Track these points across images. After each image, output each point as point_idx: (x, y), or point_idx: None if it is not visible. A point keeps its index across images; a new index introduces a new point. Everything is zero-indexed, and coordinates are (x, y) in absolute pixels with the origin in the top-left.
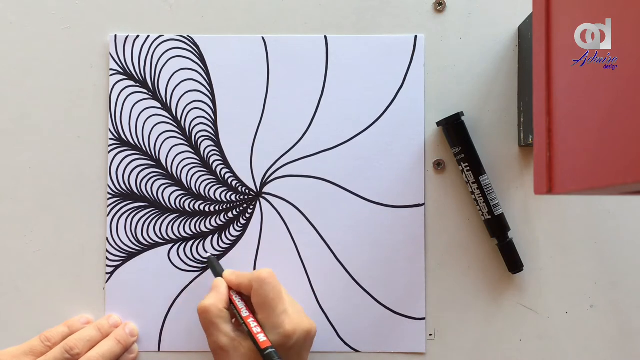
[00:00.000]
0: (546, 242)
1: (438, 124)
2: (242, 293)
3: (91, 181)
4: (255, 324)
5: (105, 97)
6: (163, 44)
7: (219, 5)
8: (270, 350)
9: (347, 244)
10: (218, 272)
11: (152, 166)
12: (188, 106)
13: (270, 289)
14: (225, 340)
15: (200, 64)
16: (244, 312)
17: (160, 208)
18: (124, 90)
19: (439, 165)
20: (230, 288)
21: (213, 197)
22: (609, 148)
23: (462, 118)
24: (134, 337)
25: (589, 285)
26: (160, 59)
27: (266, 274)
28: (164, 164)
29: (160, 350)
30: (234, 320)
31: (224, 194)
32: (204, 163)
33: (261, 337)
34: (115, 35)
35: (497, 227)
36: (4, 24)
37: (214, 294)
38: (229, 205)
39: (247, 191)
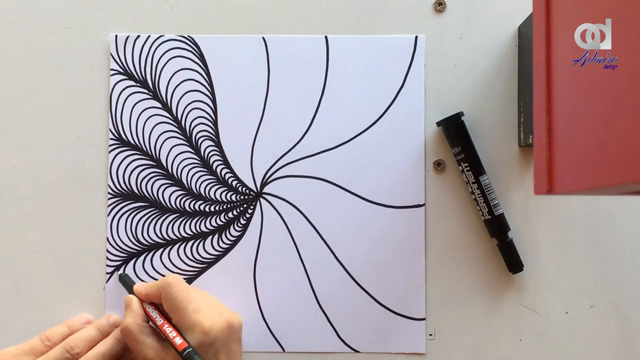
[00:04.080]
0: (546, 242)
1: (438, 124)
2: (154, 303)
3: (91, 181)
4: (170, 328)
5: (105, 97)
6: (163, 44)
7: (219, 5)
8: (188, 350)
9: (347, 244)
10: (130, 287)
11: (152, 166)
12: (188, 106)
13: (178, 292)
14: (152, 353)
15: (201, 64)
16: (159, 320)
17: (160, 208)
18: (125, 90)
19: (439, 165)
20: (142, 301)
21: (213, 197)
22: (609, 148)
23: (462, 118)
24: None
25: (589, 285)
26: (161, 59)
27: (172, 278)
28: (164, 164)
29: None
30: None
31: (224, 194)
32: (204, 163)
33: (177, 340)
34: (116, 36)
35: (497, 227)
36: (4, 24)
37: (128, 311)
38: (229, 206)
39: (247, 191)
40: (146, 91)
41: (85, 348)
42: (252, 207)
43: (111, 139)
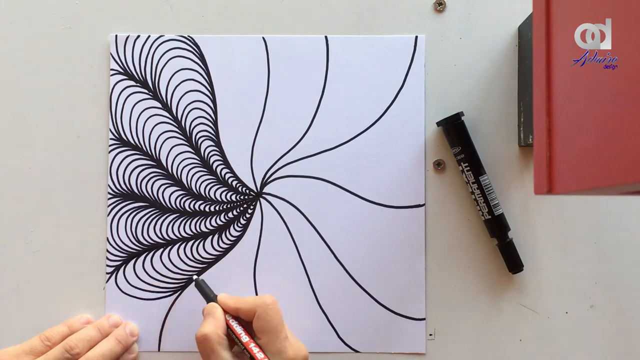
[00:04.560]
0: (546, 242)
1: (438, 124)
2: (238, 317)
3: (91, 181)
4: (258, 349)
5: (105, 97)
6: (163, 44)
7: (219, 5)
8: None
9: (347, 244)
10: (209, 296)
11: (152, 166)
12: (188, 106)
13: (274, 314)
14: None
15: (201, 64)
16: (244, 337)
17: (160, 208)
18: (125, 91)
19: (439, 165)
20: (225, 313)
21: (213, 197)
22: (609, 148)
23: (462, 118)
24: (134, 337)
25: (589, 285)
26: (161, 59)
27: (270, 299)
28: (164, 164)
29: (160, 350)
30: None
31: (224, 194)
32: (204, 163)
33: None
34: (116, 36)
35: (497, 227)
36: (4, 24)
37: (211, 320)
38: (229, 206)
39: (247, 191)
40: (146, 91)
41: (85, 348)
42: (252, 207)
43: (111, 139)
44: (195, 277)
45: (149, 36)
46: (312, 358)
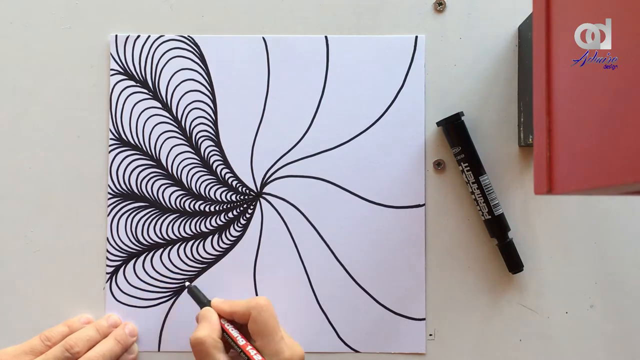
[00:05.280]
0: (546, 242)
1: (438, 124)
2: (233, 321)
3: (91, 181)
4: (255, 351)
5: (105, 97)
6: (163, 44)
7: (219, 5)
8: None
9: (347, 244)
10: (203, 302)
11: (152, 166)
12: (188, 106)
13: (269, 316)
14: None
15: (201, 64)
16: (240, 341)
17: (160, 208)
18: (125, 91)
19: (439, 165)
20: (220, 317)
21: (213, 197)
22: (609, 148)
23: (462, 118)
24: (134, 337)
25: (589, 285)
26: (161, 59)
27: (264, 301)
28: (164, 164)
29: (160, 350)
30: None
31: (224, 194)
32: (204, 163)
33: None
34: (116, 36)
35: (497, 227)
36: (4, 24)
37: (205, 324)
38: (229, 206)
39: (247, 191)
40: (146, 91)
41: (85, 347)
42: (252, 207)
43: (111, 139)
44: (187, 283)
45: (149, 36)
46: (313, 358)
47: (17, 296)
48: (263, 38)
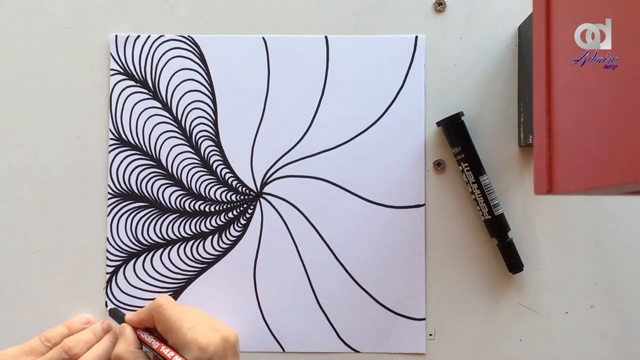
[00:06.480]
0: (546, 242)
1: (438, 124)
2: (150, 328)
3: (91, 181)
4: (168, 350)
5: (105, 97)
6: (163, 44)
7: (219, 5)
8: None
9: (347, 244)
10: (121, 319)
11: (152, 166)
12: (188, 106)
13: (170, 312)
14: None
15: (201, 64)
16: (155, 344)
17: (160, 208)
18: (125, 90)
19: (439, 165)
20: (136, 328)
21: (213, 197)
22: (609, 148)
23: (462, 118)
24: None
25: (589, 285)
26: (161, 59)
27: (162, 299)
28: (164, 164)
29: None
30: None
31: (224, 194)
32: (204, 163)
33: (177, 359)
34: (116, 36)
35: (497, 227)
36: (4, 24)
37: (121, 339)
38: (229, 206)
39: (247, 191)
40: (146, 91)
41: (83, 349)
42: (252, 207)
43: (111, 139)
44: (109, 307)
45: (149, 36)
46: (313, 358)
47: (17, 296)
48: (263, 38)
